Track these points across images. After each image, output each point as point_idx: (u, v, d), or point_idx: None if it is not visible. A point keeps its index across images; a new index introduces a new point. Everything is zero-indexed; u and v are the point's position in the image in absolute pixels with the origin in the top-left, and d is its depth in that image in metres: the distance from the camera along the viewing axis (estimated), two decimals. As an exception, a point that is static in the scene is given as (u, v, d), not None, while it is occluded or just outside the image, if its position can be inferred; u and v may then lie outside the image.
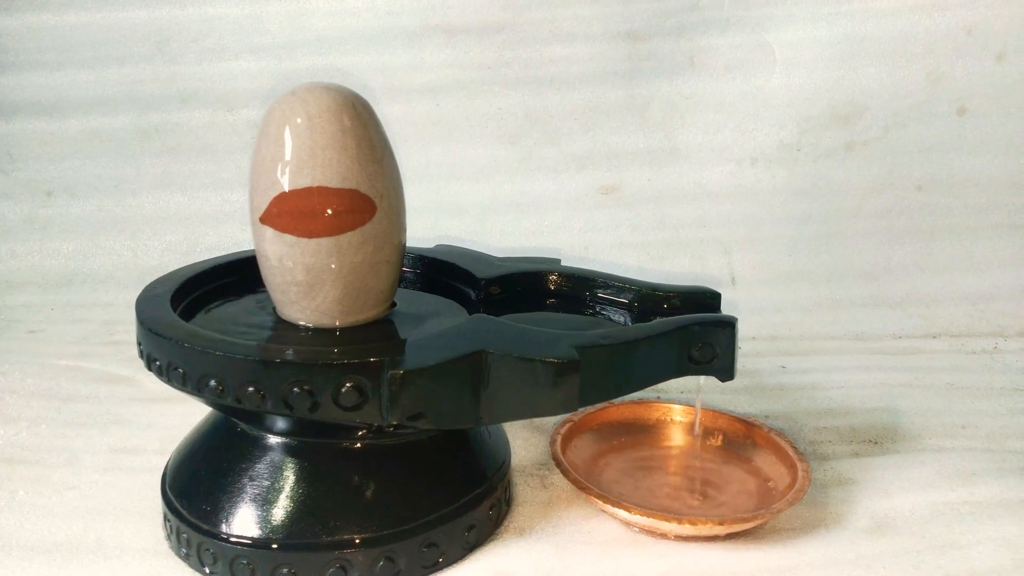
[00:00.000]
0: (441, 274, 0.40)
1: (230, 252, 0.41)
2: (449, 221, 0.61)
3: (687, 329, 0.33)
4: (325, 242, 0.32)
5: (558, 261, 0.41)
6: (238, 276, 0.39)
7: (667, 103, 0.59)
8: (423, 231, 0.51)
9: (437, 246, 0.42)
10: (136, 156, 0.61)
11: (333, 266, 0.32)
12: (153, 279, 0.36)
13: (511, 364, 0.29)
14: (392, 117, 0.61)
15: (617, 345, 0.31)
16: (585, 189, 0.61)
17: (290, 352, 0.28)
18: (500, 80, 0.59)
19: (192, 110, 0.60)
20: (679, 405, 0.39)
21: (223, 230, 0.61)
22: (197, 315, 0.35)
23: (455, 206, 0.61)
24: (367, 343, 0.32)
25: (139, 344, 0.32)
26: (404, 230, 0.34)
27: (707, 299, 0.36)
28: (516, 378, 0.29)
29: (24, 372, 0.48)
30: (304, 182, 0.31)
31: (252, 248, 0.34)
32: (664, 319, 0.34)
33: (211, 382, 0.29)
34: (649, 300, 0.37)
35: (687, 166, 0.60)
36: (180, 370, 0.29)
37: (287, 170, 0.31)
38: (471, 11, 0.58)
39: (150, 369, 0.31)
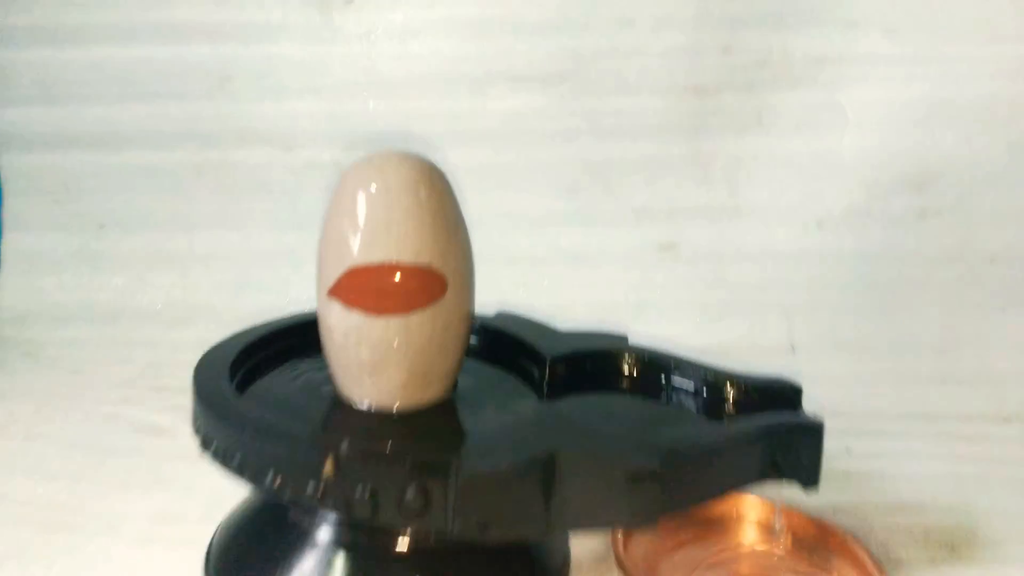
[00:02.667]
0: (504, 347, 0.38)
1: (288, 310, 0.40)
2: (500, 270, 0.59)
3: (772, 434, 0.31)
4: (394, 321, 0.30)
5: (625, 338, 0.39)
6: (298, 339, 0.38)
7: (732, 160, 0.58)
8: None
9: (498, 314, 0.41)
10: (191, 192, 0.60)
11: (400, 346, 0.31)
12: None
13: (587, 469, 0.27)
14: (450, 163, 0.60)
15: (701, 453, 0.29)
16: (643, 244, 0.59)
17: (355, 449, 0.27)
18: (561, 130, 0.58)
19: (250, 148, 0.59)
20: (749, 498, 0.37)
21: (275, 270, 0.60)
22: (255, 383, 0.34)
23: (508, 255, 0.60)
24: (430, 433, 0.31)
25: (195, 421, 0.31)
26: (473, 307, 0.33)
27: (788, 393, 0.35)
28: (591, 485, 0.27)
29: (65, 420, 0.47)
30: (377, 256, 0.30)
31: (312, 308, 0.33)
32: (747, 419, 0.32)
33: (270, 473, 0.27)
34: (725, 390, 0.35)
35: (750, 226, 0.58)
36: (238, 458, 0.28)
37: (360, 243, 0.30)
38: (536, 60, 0.57)
39: (205, 450, 0.30)
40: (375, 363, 0.31)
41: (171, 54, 0.58)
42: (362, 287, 0.30)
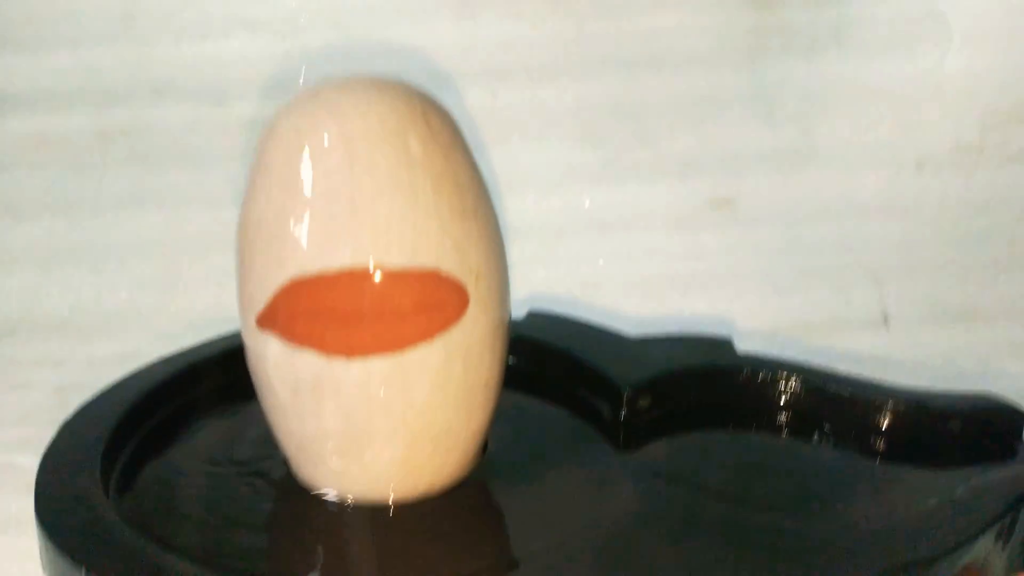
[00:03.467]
0: (553, 370, 0.25)
1: (232, 310, 0.27)
2: (509, 246, 0.47)
3: (1017, 516, 0.19)
4: (379, 365, 0.18)
5: (729, 342, 0.26)
6: (222, 379, 0.24)
7: (804, 90, 0.46)
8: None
9: (531, 315, 0.28)
10: (97, 165, 0.47)
11: (392, 405, 0.18)
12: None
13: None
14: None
15: (940, 560, 0.17)
16: (690, 202, 0.47)
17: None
18: (581, 61, 0.45)
19: (169, 105, 0.46)
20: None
21: (211, 259, 0.48)
22: (147, 466, 0.21)
23: (518, 226, 0.47)
24: (450, 549, 0.18)
25: (43, 557, 0.18)
26: (508, 325, 0.20)
27: (1001, 419, 0.23)
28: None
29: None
30: (340, 259, 0.17)
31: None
32: (975, 490, 0.19)
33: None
34: (909, 419, 0.23)
35: (828, 172, 0.46)
36: None
37: (308, 238, 0.17)
38: (543, -32, 0.43)
39: None
40: (352, 436, 0.18)
41: (55, -15, 0.45)
42: (318, 312, 0.17)
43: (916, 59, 0.45)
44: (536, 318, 0.28)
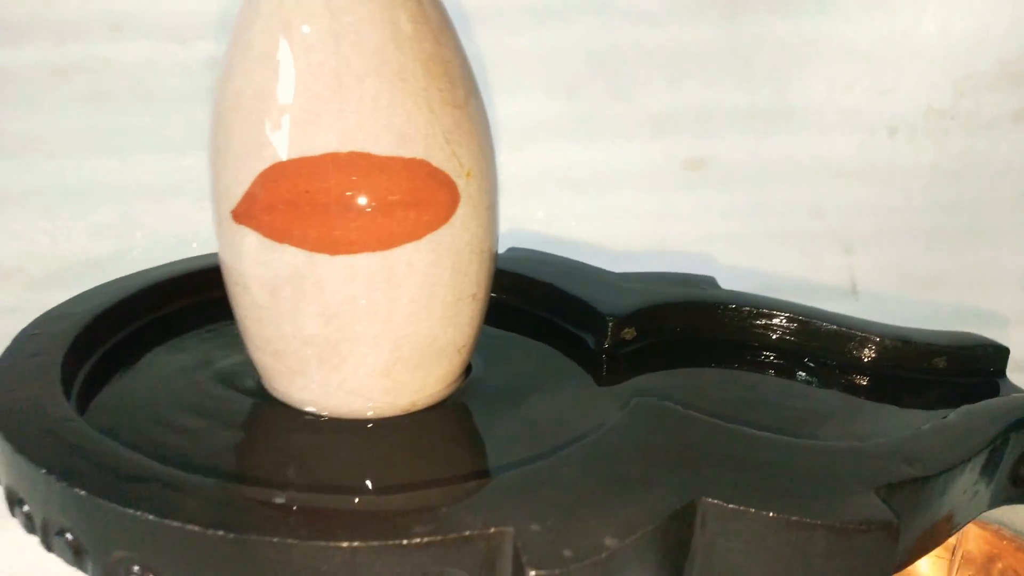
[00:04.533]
0: (535, 303, 0.25)
1: (177, 250, 0.26)
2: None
3: (1007, 438, 0.18)
4: (363, 263, 0.17)
5: (713, 280, 0.26)
6: (188, 300, 0.23)
7: (780, 49, 0.45)
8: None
9: (510, 250, 0.28)
10: (52, 105, 0.44)
11: (377, 308, 0.17)
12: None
13: (755, 531, 0.14)
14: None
15: (935, 478, 0.16)
16: (664, 162, 0.46)
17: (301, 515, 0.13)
18: (555, 10, 0.44)
19: (128, 41, 0.44)
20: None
21: (172, 207, 0.46)
22: (113, 380, 0.20)
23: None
24: (433, 466, 0.17)
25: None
26: (496, 236, 0.19)
27: (986, 354, 0.22)
28: (763, 558, 0.14)
29: None
30: (323, 144, 0.16)
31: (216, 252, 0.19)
32: (966, 414, 0.19)
33: (134, 569, 0.13)
34: (894, 354, 0.23)
35: (802, 134, 0.46)
36: (71, 537, 0.14)
37: (287, 122, 0.16)
38: (521, -88, 0.42)
39: (14, 514, 0.16)
40: (333, 341, 0.17)
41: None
42: (297, 202, 0.16)
43: (892, 20, 0.44)
44: (517, 253, 0.27)
